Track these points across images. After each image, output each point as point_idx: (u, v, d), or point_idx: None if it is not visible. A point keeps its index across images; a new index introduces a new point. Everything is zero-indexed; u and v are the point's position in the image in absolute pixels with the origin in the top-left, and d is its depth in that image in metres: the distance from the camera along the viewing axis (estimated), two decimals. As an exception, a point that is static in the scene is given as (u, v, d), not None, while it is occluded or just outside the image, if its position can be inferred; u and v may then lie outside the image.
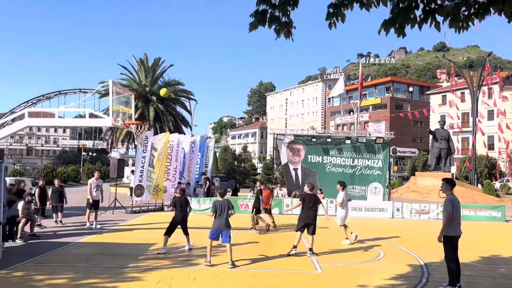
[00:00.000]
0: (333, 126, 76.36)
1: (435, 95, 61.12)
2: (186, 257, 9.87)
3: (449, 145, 30.88)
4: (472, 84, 34.75)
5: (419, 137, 66.34)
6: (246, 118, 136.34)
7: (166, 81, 39.04)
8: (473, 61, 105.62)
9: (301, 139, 22.50)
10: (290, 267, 9.10)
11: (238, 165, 47.59)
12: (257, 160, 77.43)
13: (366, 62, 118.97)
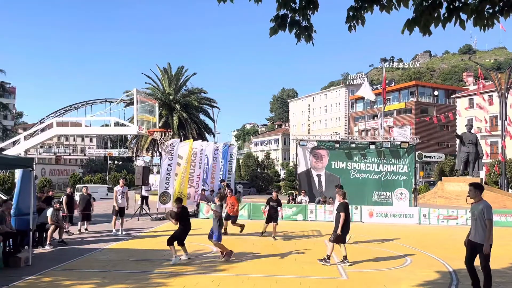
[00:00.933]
0: (356, 131, 75.51)
1: (462, 99, 59.73)
2: (211, 263, 9.91)
3: (477, 149, 30.08)
4: (500, 86, 33.79)
5: (446, 142, 64.88)
6: (269, 125, 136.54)
7: (189, 89, 39.58)
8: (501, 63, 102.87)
9: (324, 144, 22.32)
10: (314, 273, 9.01)
11: (261, 171, 47.59)
12: (280, 167, 77.26)
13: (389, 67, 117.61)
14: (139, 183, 19.37)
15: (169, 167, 18.29)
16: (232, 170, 24.17)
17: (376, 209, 19.93)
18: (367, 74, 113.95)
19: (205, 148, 21.21)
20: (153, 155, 41.58)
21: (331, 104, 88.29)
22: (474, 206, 7.25)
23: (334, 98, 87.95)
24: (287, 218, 19.46)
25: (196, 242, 12.79)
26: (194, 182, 19.83)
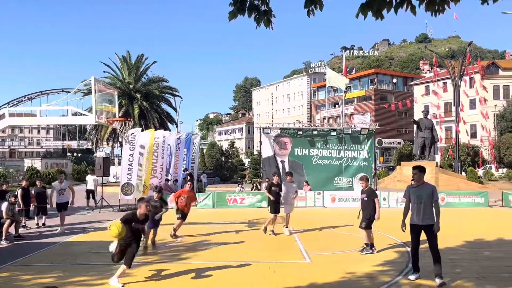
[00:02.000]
0: (319, 119, 76.73)
1: (418, 86, 61.83)
2: (175, 252, 9.86)
3: (433, 135, 31.28)
4: (454, 74, 35.20)
5: (404, 128, 67.08)
6: (233, 114, 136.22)
7: (150, 78, 38.79)
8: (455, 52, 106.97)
9: (287, 132, 22.55)
10: (280, 258, 9.15)
11: (225, 161, 47.56)
12: (244, 156, 77.43)
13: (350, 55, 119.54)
14: (100, 175, 18.90)
15: (131, 157, 17.92)
16: (196, 159, 24.00)
17: (338, 194, 20.41)
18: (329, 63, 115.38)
19: (168, 138, 20.92)
20: (114, 146, 40.59)
21: (293, 93, 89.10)
22: (420, 189, 7.27)
23: (297, 87, 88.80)
24: (252, 206, 19.63)
25: (161, 231, 12.67)
26: (157, 172, 19.55)
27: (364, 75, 75.83)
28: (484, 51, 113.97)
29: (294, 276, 7.67)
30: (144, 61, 37.99)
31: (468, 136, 48.71)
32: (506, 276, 7.56)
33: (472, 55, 47.91)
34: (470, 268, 8.10)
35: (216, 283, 7.28)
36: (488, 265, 8.40)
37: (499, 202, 20.37)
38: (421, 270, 7.95)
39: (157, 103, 37.67)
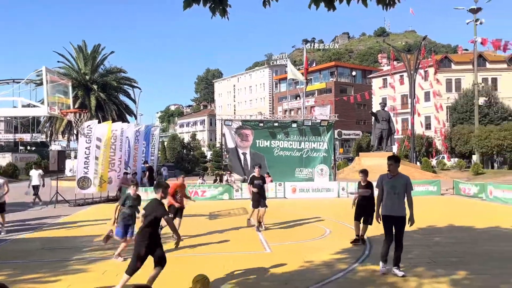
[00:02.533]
0: (280, 111, 77.27)
1: (377, 79, 63.44)
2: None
3: (390, 126, 32.32)
4: (410, 67, 36.36)
5: (363, 120, 68.77)
6: (194, 106, 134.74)
7: (107, 69, 37.63)
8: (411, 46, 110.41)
9: (248, 124, 22.58)
10: (240, 249, 9.17)
11: (187, 153, 47.09)
12: (206, 148, 76.99)
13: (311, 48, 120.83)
14: (54, 169, 18.21)
15: (87, 151, 17.39)
16: (155, 152, 23.58)
17: (299, 185, 20.71)
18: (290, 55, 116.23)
19: (126, 130, 20.41)
20: (70, 139, 39.18)
21: (255, 85, 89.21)
22: (395, 180, 7.04)
23: (259, 79, 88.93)
24: (213, 198, 19.58)
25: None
26: (115, 165, 19.06)
27: (325, 67, 76.96)
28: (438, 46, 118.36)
29: (254, 266, 7.71)
30: (101, 51, 36.80)
31: (423, 127, 50.64)
32: (455, 260, 7.93)
33: (427, 49, 49.71)
34: (422, 254, 8.44)
35: (175, 275, 7.20)
36: (438, 250, 8.78)
37: (450, 190, 21.35)
38: (378, 257, 8.21)
39: (115, 95, 36.65)
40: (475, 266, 7.41)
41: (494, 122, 40.36)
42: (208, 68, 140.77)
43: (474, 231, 11.01)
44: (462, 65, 51.62)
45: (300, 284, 6.54)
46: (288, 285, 6.55)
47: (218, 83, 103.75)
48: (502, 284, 6.39)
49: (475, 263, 7.61)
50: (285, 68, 72.33)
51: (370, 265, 7.64)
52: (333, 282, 6.72)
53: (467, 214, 14.48)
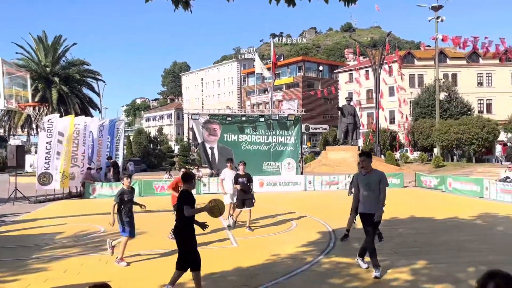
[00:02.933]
0: (249, 105, 77.26)
1: (343, 74, 64.41)
2: (98, 243, 9.44)
3: (355, 120, 32.93)
4: (375, 62, 37.09)
5: (330, 114, 69.73)
6: (161, 100, 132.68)
7: (69, 61, 36.41)
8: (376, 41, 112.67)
9: (216, 118, 22.46)
10: (207, 244, 9.12)
11: (153, 148, 46.36)
12: (174, 142, 76.07)
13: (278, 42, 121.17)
14: (13, 164, 17.51)
15: (48, 145, 16.82)
16: (120, 146, 23.06)
17: (266, 179, 20.82)
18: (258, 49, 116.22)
19: (89, 124, 19.87)
20: (30, 133, 37.77)
21: (224, 78, 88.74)
22: (369, 176, 6.81)
23: (227, 72, 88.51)
24: (180, 193, 19.38)
25: (83, 222, 12.12)
26: (78, 160, 18.53)
27: (292, 62, 77.45)
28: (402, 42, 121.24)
29: (221, 261, 7.71)
30: (63, 42, 35.56)
31: (387, 121, 51.92)
32: (415, 250, 8.20)
33: (391, 45, 50.80)
34: (385, 245, 8.67)
35: (139, 271, 7.09)
36: (400, 241, 9.05)
37: (412, 183, 22.04)
38: (342, 249, 8.39)
39: (78, 88, 35.55)
40: (434, 255, 7.68)
41: (454, 116, 41.84)
42: (175, 61, 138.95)
43: (434, 222, 11.42)
44: (424, 61, 53.16)
45: (266, 278, 6.58)
46: (254, 279, 6.58)
47: (185, 76, 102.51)
48: (458, 272, 6.66)
49: (434, 253, 7.89)
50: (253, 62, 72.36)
51: (335, 257, 7.78)
52: (298, 274, 6.81)
53: (428, 205, 14.98)
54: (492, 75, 52.96)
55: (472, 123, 35.34)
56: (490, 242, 8.89)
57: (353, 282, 6.37)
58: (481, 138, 34.66)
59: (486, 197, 16.22)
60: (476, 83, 52.66)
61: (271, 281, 6.42)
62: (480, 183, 17.01)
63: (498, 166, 27.02)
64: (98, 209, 14.87)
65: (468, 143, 35.30)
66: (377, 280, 6.37)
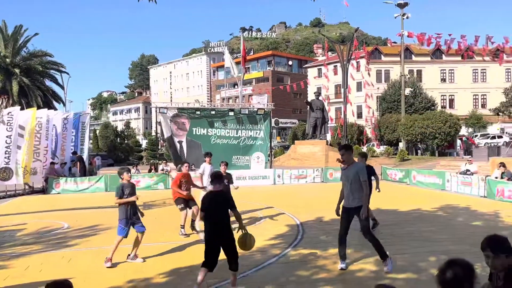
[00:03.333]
0: (218, 99, 76.88)
1: (312, 69, 65.04)
2: (61, 240, 9.18)
3: (324, 115, 33.36)
4: (343, 58, 37.59)
5: (299, 108, 70.31)
6: (128, 93, 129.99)
7: (31, 52, 35.06)
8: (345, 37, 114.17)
9: (185, 112, 22.21)
10: (173, 239, 9.03)
11: (120, 142, 45.44)
12: (141, 137, 74.83)
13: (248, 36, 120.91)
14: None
15: (8, 139, 16.17)
16: (85, 140, 22.45)
17: (235, 173, 20.72)
18: (228, 43, 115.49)
19: (53, 118, 19.23)
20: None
21: (193, 72, 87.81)
22: (348, 170, 6.71)
23: (196, 66, 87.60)
24: (148, 188, 19.12)
25: (46, 218, 11.76)
26: (40, 155, 17.91)
27: (262, 56, 77.52)
28: (369, 38, 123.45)
29: (188, 255, 7.65)
30: (24, 32, 34.19)
31: (355, 116, 52.89)
32: (380, 241, 8.38)
33: (359, 41, 51.66)
34: (351, 237, 8.81)
35: (104, 267, 6.94)
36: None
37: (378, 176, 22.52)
38: (310, 242, 8.49)
39: (40, 80, 34.32)
40: (398, 246, 7.89)
41: (418, 111, 43.08)
42: (143, 53, 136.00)
43: (398, 214, 11.74)
44: (391, 57, 54.40)
45: (233, 271, 6.57)
46: (221, 272, 6.56)
47: (154, 69, 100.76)
48: (420, 262, 6.88)
49: (398, 244, 8.11)
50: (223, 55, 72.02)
51: (302, 249, 7.86)
52: (266, 267, 6.85)
53: (393, 198, 15.36)
54: (454, 72, 54.82)
55: (436, 118, 36.52)
56: (451, 232, 9.22)
57: (320, 273, 6.46)
58: (443, 133, 35.88)
59: (448, 189, 16.81)
60: (439, 79, 54.40)
61: (239, 274, 6.42)
62: (442, 176, 17.61)
63: (459, 160, 28.04)
64: (62, 205, 14.47)
65: (432, 138, 36.46)
66: (343, 271, 6.49)
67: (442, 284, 2.61)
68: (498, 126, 47.19)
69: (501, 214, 11.20)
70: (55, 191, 17.95)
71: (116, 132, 47.13)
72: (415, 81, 48.33)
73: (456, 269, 2.55)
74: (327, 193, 17.23)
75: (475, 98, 54.59)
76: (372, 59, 54.27)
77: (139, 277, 6.38)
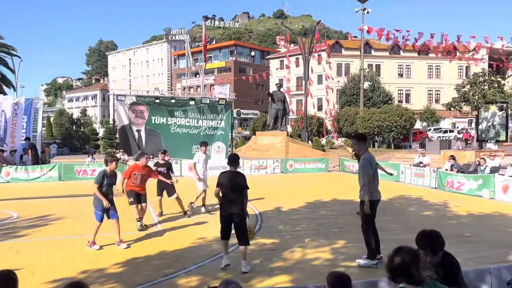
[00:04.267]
0: (179, 88, 75.70)
1: (274, 60, 65.25)
2: (9, 230, 8.76)
3: (285, 106, 33.56)
4: (305, 50, 37.95)
5: (261, 100, 70.48)
6: (85, 79, 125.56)
7: (-21, 33, 32.96)
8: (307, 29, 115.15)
9: (143, 100, 21.63)
10: (129, 229, 8.81)
11: (76, 130, 43.88)
12: (99, 125, 72.62)
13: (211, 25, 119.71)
14: None
15: (-48, 125, 15.19)
16: (38, 127, 21.46)
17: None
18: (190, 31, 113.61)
19: (2, 103, 18.25)
20: None
21: (153, 59, 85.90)
22: (359, 161, 6.63)
23: (157, 53, 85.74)
24: (104, 177, 18.60)
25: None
26: (-12, 141, 16.98)
27: (225, 46, 76.89)
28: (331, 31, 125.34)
29: (145, 245, 7.52)
30: (-29, 11, 32.10)
31: (315, 108, 53.67)
32: (336, 231, 8.60)
33: (321, 34, 52.31)
34: (308, 226, 8.99)
35: (54, 257, 6.68)
36: (322, 222, 9.43)
37: (336, 167, 23.05)
38: (268, 231, 8.55)
39: (-12, 63, 32.46)
40: (353, 235, 8.09)
41: (376, 105, 44.30)
42: (101, 39, 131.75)
43: (354, 204, 11.99)
44: (351, 51, 55.47)
45: (190, 261, 6.53)
46: (178, 262, 6.50)
47: (112, 55, 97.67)
48: (374, 250, 7.07)
49: (352, 233, 8.32)
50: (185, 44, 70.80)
51: (261, 238, 7.91)
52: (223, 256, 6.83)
53: (350, 189, 15.67)
54: (411, 67, 56.70)
55: (392, 111, 37.70)
56: (403, 222, 9.58)
57: (276, 262, 6.53)
58: (399, 126, 37.12)
59: (402, 180, 17.43)
60: (397, 74, 56.10)
61: (195, 264, 6.39)
62: (397, 167, 18.21)
63: (413, 152, 29.13)
64: (11, 194, 13.84)
65: (388, 131, 37.64)
66: (299, 259, 6.59)
67: (391, 270, 2.70)
68: (450, 121, 49.42)
69: (449, 205, 11.74)
70: (4, 180, 17.09)
71: (71, 119, 45.49)
72: (373, 76, 49.59)
73: (403, 256, 2.65)
74: (286, 184, 17.45)
75: (430, 94, 56.79)
76: (333, 53, 55.13)
77: (92, 268, 6.20)
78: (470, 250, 7.14)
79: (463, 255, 6.52)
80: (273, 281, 5.65)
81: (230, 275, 5.83)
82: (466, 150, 22.65)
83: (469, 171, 15.50)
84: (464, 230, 8.61)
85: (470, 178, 14.01)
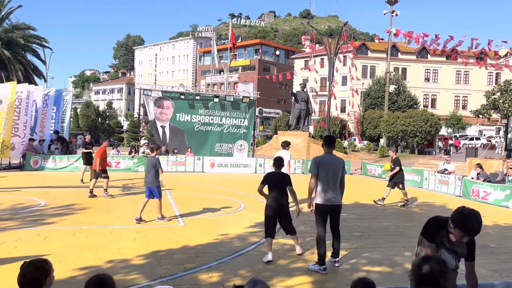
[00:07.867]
0: (203, 85, 76.18)
1: (299, 60, 64.98)
2: (38, 217, 9.04)
3: (308, 107, 33.44)
4: (330, 51, 37.64)
5: (284, 99, 70.41)
6: (112, 73, 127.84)
7: (13, 24, 33.99)
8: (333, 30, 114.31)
9: (169, 95, 21.96)
10: (153, 222, 9.00)
11: (101, 122, 44.76)
12: (123, 118, 73.86)
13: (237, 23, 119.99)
14: None
15: (-14, 112, 15.73)
16: (66, 118, 22.01)
17: (217, 160, 20.77)
18: (216, 28, 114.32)
19: (33, 93, 18.76)
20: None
21: (179, 56, 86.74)
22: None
23: (183, 50, 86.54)
24: (128, 169, 18.95)
25: (22, 195, 11.55)
26: (19, 130, 17.52)
27: (250, 44, 77.02)
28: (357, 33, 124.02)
29: (167, 239, 7.64)
30: (7, 3, 33.09)
31: (338, 110, 53.21)
32: (357, 234, 8.55)
33: (347, 35, 51.79)
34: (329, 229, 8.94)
35: (79, 246, 6.87)
36: (343, 225, 9.31)
37: (358, 171, 22.83)
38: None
39: (22, 53, 33.37)
40: (374, 240, 8.04)
41: (401, 109, 43.60)
42: (129, 33, 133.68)
43: (376, 209, 11.94)
44: (377, 53, 54.75)
45: (211, 257, 6.61)
46: (199, 258, 6.58)
47: (139, 50, 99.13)
48: (395, 256, 7.02)
49: (374, 237, 8.26)
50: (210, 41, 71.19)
51: (281, 238, 7.92)
52: (244, 254, 6.89)
53: (371, 193, 15.57)
54: (438, 72, 55.60)
55: (417, 116, 37.00)
56: (426, 229, 9.42)
57: (297, 263, 6.54)
58: (424, 131, 36.43)
59: (425, 187, 17.14)
60: (423, 79, 55.10)
61: (216, 260, 6.46)
62: (420, 173, 17.93)
63: (437, 159, 28.58)
64: (38, 182, 14.24)
65: (412, 135, 36.99)
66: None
67: (417, 279, 2.65)
68: (477, 128, 48.25)
69: (474, 214, 11.48)
70: (33, 168, 17.61)
71: (97, 111, 46.39)
72: (399, 79, 48.81)
73: (433, 264, 2.61)
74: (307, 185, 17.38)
75: (457, 99, 55.58)
76: (359, 54, 54.52)
77: (117, 258, 6.34)
78: (496, 261, 6.99)
79: (489, 266, 6.40)
80: (293, 282, 5.67)
81: (250, 274, 5.87)
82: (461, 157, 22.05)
83: (496, 181, 15.12)
84: (489, 241, 8.42)
85: (497, 188, 13.68)
